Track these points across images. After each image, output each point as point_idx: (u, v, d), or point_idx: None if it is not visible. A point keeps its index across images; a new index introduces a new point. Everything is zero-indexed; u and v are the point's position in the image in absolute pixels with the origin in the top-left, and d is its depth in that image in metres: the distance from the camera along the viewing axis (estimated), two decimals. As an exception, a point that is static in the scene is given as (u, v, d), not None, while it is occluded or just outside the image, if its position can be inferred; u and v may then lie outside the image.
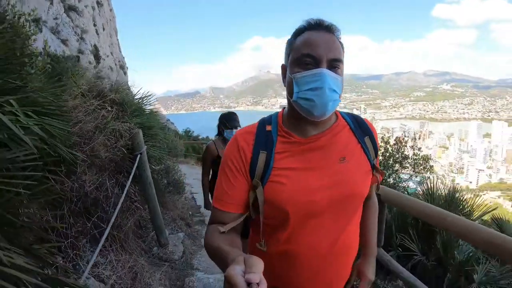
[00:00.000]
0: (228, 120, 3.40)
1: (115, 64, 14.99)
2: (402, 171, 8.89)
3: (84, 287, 1.74)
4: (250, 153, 1.04)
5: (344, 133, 1.10)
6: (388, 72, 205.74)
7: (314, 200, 1.01)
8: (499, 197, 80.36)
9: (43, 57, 4.81)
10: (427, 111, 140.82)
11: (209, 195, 3.57)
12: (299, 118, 1.03)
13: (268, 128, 1.08)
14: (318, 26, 1.01)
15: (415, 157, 9.50)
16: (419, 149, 10.04)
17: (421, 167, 9.34)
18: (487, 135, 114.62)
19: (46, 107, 1.76)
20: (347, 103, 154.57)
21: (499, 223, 4.15)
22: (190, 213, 5.69)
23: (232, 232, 0.98)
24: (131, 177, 3.04)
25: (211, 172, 3.48)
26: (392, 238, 3.64)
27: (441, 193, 3.95)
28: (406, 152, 9.43)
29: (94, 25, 14.33)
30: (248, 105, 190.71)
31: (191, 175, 8.56)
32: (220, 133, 3.48)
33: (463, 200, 3.91)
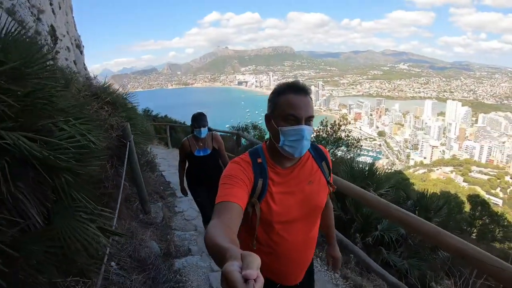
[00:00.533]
0: (196, 121, 3.92)
1: (72, 44, 14.12)
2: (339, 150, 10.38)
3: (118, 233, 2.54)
4: (252, 179, 1.41)
5: (309, 162, 1.55)
6: (347, 50, 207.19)
7: (292, 212, 1.48)
8: (451, 172, 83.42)
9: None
10: (384, 89, 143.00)
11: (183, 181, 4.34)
12: (280, 155, 1.45)
13: (259, 160, 1.47)
14: (297, 90, 1.39)
15: (347, 138, 10.93)
16: (350, 131, 11.49)
17: (354, 146, 10.78)
18: (441, 113, 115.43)
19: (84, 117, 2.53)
20: (305, 79, 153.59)
21: (406, 191, 6.55)
22: (162, 188, 6.92)
23: (231, 230, 1.11)
24: (126, 160, 4.04)
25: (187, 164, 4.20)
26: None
27: (361, 169, 5.69)
28: (340, 134, 10.97)
29: (51, 4, 13.44)
30: (205, 81, 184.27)
31: (158, 154, 9.20)
32: (192, 132, 4.05)
33: (377, 174, 5.70)
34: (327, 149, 6.41)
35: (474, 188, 69.74)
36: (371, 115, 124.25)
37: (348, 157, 8.91)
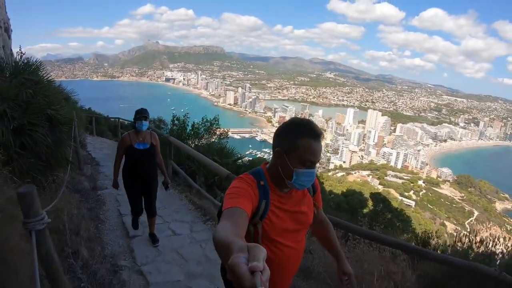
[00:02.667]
0: (139, 113, 4.08)
1: (0, 27, 10.65)
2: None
3: None
4: (257, 198, 1.48)
5: None
6: (277, 56, 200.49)
7: (289, 229, 1.59)
8: (368, 175, 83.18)
9: None
10: (309, 95, 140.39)
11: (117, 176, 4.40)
12: (281, 182, 1.55)
13: (262, 183, 1.53)
14: (317, 136, 1.47)
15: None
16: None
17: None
18: (362, 121, 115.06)
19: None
20: (233, 81, 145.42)
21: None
22: (89, 159, 9.04)
23: (239, 230, 1.15)
24: (73, 134, 6.60)
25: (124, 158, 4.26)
26: (182, 163, 7.82)
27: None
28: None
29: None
30: (132, 75, 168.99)
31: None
32: (134, 127, 4.14)
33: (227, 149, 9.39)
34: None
35: (388, 190, 69.97)
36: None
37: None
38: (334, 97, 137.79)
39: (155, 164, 4.39)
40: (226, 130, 12.93)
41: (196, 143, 10.82)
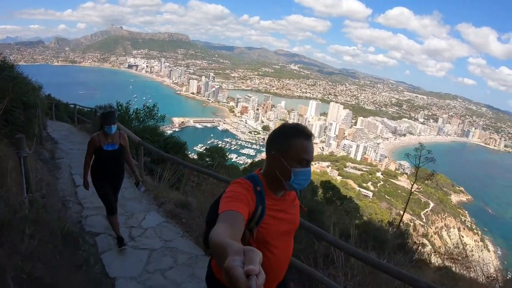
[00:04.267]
0: (107, 118, 4.04)
1: None
2: None
3: None
4: (254, 203, 1.51)
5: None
6: (242, 46, 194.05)
7: (282, 232, 1.65)
8: (328, 166, 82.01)
9: None
10: (272, 87, 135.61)
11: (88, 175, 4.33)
12: (277, 185, 1.61)
13: (258, 188, 1.56)
14: (308, 136, 1.57)
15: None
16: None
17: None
18: (324, 114, 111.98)
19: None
20: (197, 69, 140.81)
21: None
22: (49, 140, 10.02)
23: (235, 232, 1.14)
24: (38, 116, 7.69)
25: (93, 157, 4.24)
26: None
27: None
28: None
29: None
30: (94, 61, 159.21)
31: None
32: (101, 127, 4.11)
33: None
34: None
35: (346, 181, 71.74)
36: (257, 109, 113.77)
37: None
38: (297, 89, 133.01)
39: (123, 164, 4.44)
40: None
41: (138, 125, 12.23)
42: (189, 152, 14.88)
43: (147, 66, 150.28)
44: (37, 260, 2.56)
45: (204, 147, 34.92)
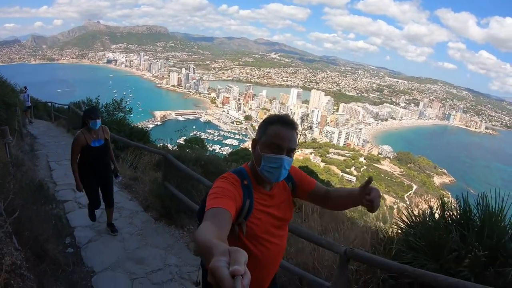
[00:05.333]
0: (92, 113, 4.05)
1: None
2: None
3: None
4: (241, 198, 1.46)
5: (282, 182, 1.67)
6: (221, 36, 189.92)
7: (272, 226, 1.59)
8: (311, 153, 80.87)
9: None
10: (253, 76, 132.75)
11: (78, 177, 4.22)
12: (259, 176, 1.55)
13: (245, 182, 1.51)
14: (285, 123, 1.50)
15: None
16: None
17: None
18: (306, 101, 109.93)
19: None
20: (177, 61, 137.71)
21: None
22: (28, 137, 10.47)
23: (221, 231, 1.10)
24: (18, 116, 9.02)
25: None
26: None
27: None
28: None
29: None
30: (73, 58, 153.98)
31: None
32: (85, 124, 4.05)
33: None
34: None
35: (329, 167, 71.74)
36: (239, 99, 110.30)
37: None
38: (278, 78, 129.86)
39: (109, 158, 4.47)
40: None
41: (107, 118, 12.74)
42: (172, 145, 14.33)
43: (126, 60, 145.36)
44: (19, 201, 3.55)
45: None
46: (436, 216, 3.56)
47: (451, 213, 3.44)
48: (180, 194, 5.18)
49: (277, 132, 1.48)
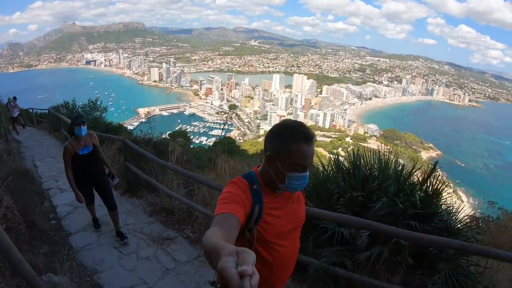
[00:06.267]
0: (76, 120, 4.05)
1: None
2: None
3: None
4: (251, 203, 1.42)
5: None
6: (200, 27, 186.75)
7: (284, 230, 1.54)
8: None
9: None
10: (234, 65, 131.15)
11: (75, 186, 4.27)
12: (274, 185, 1.51)
13: (255, 187, 1.47)
14: (309, 140, 1.43)
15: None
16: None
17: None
18: (289, 86, 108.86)
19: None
20: (156, 56, 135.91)
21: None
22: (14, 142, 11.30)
23: (229, 236, 1.09)
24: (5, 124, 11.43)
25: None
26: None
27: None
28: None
29: None
30: (51, 62, 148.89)
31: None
32: (72, 133, 4.09)
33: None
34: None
35: (316, 150, 62.40)
36: (222, 89, 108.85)
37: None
38: (259, 65, 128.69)
39: (101, 163, 4.50)
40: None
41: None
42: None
43: (105, 59, 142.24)
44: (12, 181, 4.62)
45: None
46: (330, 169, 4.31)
47: (344, 166, 4.19)
48: (138, 171, 6.18)
49: (303, 151, 1.42)
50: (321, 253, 3.39)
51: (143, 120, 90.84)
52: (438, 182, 3.62)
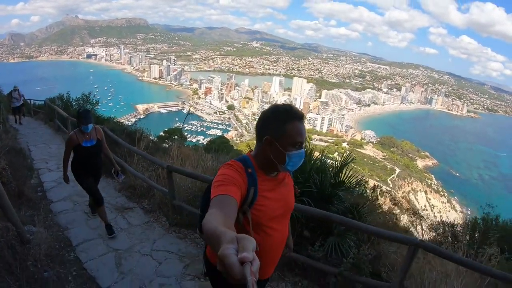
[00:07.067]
0: (84, 118, 4.14)
1: None
2: None
3: None
4: (246, 185, 1.46)
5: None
6: (202, 26, 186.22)
7: (276, 213, 1.60)
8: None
9: None
10: (235, 65, 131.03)
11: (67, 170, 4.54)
12: (269, 166, 1.57)
13: (249, 170, 1.51)
14: (301, 118, 1.54)
15: None
16: None
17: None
18: (288, 89, 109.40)
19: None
20: (158, 53, 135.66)
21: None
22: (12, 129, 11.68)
23: (229, 219, 1.09)
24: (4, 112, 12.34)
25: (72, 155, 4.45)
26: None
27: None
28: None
29: None
30: (52, 54, 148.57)
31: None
32: (79, 126, 4.21)
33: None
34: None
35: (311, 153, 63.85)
36: (221, 89, 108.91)
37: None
38: (260, 66, 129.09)
39: (101, 158, 4.63)
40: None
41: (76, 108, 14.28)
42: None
43: (106, 54, 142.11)
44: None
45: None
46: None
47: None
48: (115, 156, 6.48)
49: (298, 129, 1.51)
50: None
51: (141, 116, 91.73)
52: (350, 172, 4.69)
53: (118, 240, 4.52)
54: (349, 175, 4.63)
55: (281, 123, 1.51)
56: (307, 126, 58.61)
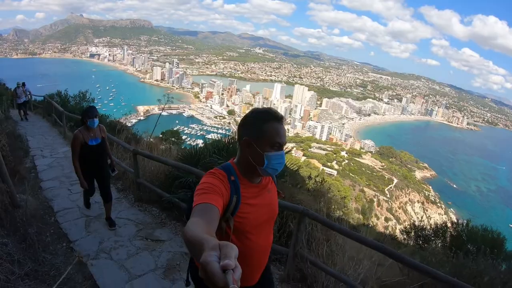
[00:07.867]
0: (89, 112, 4.18)
1: None
2: None
3: None
4: (229, 193, 1.45)
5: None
6: (205, 30, 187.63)
7: (259, 220, 1.58)
8: (293, 147, 76.07)
9: None
10: (237, 71, 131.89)
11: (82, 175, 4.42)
12: (252, 172, 1.56)
13: (232, 178, 1.50)
14: (280, 119, 1.53)
15: None
16: None
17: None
18: (289, 96, 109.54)
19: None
20: (160, 56, 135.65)
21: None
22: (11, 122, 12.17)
23: (210, 227, 1.09)
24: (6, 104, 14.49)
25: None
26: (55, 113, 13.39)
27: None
28: None
29: None
30: (55, 52, 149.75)
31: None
32: (84, 123, 4.20)
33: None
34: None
35: (309, 161, 69.09)
36: (222, 94, 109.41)
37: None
38: (262, 73, 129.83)
39: (106, 156, 4.65)
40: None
41: (73, 105, 16.22)
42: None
43: (109, 54, 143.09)
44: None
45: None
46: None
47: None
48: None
49: (276, 129, 1.50)
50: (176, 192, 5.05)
51: (142, 118, 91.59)
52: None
53: (91, 210, 5.33)
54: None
55: (259, 124, 1.51)
56: (307, 133, 58.30)
